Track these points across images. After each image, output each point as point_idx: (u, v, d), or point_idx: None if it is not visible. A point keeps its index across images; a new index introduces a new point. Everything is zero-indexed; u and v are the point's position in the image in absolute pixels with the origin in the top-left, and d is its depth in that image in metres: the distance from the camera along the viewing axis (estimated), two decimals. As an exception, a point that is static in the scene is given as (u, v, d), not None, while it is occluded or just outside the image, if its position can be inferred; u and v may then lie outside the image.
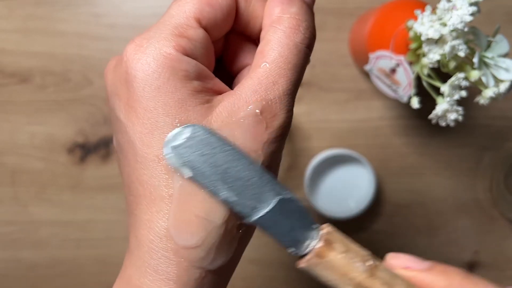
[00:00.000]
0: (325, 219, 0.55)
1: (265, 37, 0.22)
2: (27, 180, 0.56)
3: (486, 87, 0.37)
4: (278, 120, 0.21)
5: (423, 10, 0.37)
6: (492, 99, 0.37)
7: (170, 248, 0.21)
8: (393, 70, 0.42)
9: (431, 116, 0.39)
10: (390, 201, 0.56)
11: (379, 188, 0.56)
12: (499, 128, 0.55)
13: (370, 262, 0.21)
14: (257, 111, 0.21)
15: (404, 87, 0.42)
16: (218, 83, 0.22)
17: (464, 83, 0.37)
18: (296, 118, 0.55)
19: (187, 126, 0.20)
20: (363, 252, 0.22)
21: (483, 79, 0.36)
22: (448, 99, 0.37)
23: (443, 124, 0.39)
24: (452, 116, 0.38)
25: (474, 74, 0.36)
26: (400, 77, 0.41)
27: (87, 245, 0.57)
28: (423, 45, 0.37)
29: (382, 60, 0.42)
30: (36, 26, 0.55)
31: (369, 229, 0.57)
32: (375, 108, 0.55)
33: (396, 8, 0.44)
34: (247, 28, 0.24)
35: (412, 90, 0.41)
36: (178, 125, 0.20)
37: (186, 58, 0.21)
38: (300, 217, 0.21)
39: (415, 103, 0.41)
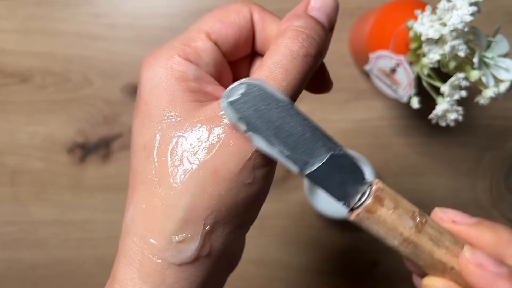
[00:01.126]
0: (325, 219, 0.55)
1: (269, 49, 0.23)
2: (27, 180, 0.56)
3: (486, 87, 0.36)
4: None
5: (423, 10, 0.37)
6: (492, 99, 0.37)
7: (138, 234, 0.21)
8: (393, 70, 0.42)
9: (431, 116, 0.39)
10: (390, 201, 0.56)
11: (379, 188, 0.56)
12: (499, 128, 0.55)
13: (418, 218, 0.22)
14: None
15: (404, 87, 0.42)
16: (221, 91, 0.23)
17: (464, 83, 0.37)
18: (296, 118, 0.55)
19: (242, 82, 0.21)
20: (412, 208, 0.22)
21: (483, 79, 0.36)
22: (448, 99, 0.37)
23: (443, 124, 0.39)
24: (452, 116, 0.38)
25: (474, 74, 0.36)
26: (400, 77, 0.41)
27: (87, 245, 0.57)
28: (423, 45, 0.37)
29: (382, 60, 0.42)
30: (36, 26, 0.55)
31: (369, 229, 0.56)
32: (375, 108, 0.55)
33: (396, 8, 0.44)
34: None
35: (412, 90, 0.41)
36: (166, 115, 0.21)
37: (186, 62, 0.22)
38: (352, 172, 0.22)
39: (415, 103, 0.41)
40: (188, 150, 0.21)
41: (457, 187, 0.56)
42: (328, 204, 0.54)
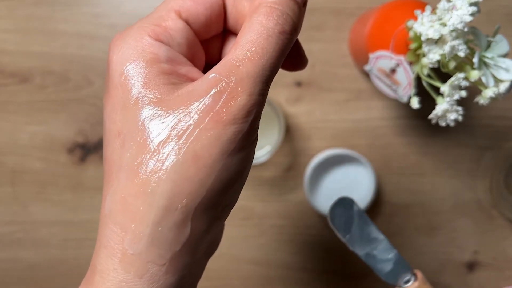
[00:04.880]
0: (325, 219, 0.55)
1: (242, 27, 0.22)
2: (27, 180, 0.56)
3: (486, 87, 0.37)
4: (237, 101, 0.20)
5: (423, 10, 0.37)
6: (492, 99, 0.37)
7: (118, 223, 0.21)
8: (393, 70, 0.42)
9: (431, 116, 0.39)
10: (390, 201, 0.56)
11: (379, 188, 0.56)
12: (499, 128, 0.56)
13: None
14: (214, 90, 0.20)
15: (404, 87, 0.42)
16: (195, 72, 0.22)
17: (464, 83, 0.37)
18: (296, 118, 0.55)
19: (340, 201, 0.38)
20: None
21: (483, 79, 0.36)
22: (448, 99, 0.37)
23: (443, 124, 0.39)
24: (452, 116, 0.38)
25: (474, 74, 0.36)
26: (400, 77, 0.41)
27: (87, 245, 0.57)
28: (423, 45, 0.37)
29: (382, 60, 0.42)
30: (36, 26, 0.55)
31: (369, 229, 0.56)
32: (375, 108, 0.55)
33: (396, 8, 0.44)
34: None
35: (412, 90, 0.41)
36: (140, 99, 0.21)
37: (157, 43, 0.22)
38: (403, 264, 0.40)
39: (415, 103, 0.41)
40: (166, 135, 0.20)
41: (457, 187, 0.56)
42: (328, 204, 0.54)
